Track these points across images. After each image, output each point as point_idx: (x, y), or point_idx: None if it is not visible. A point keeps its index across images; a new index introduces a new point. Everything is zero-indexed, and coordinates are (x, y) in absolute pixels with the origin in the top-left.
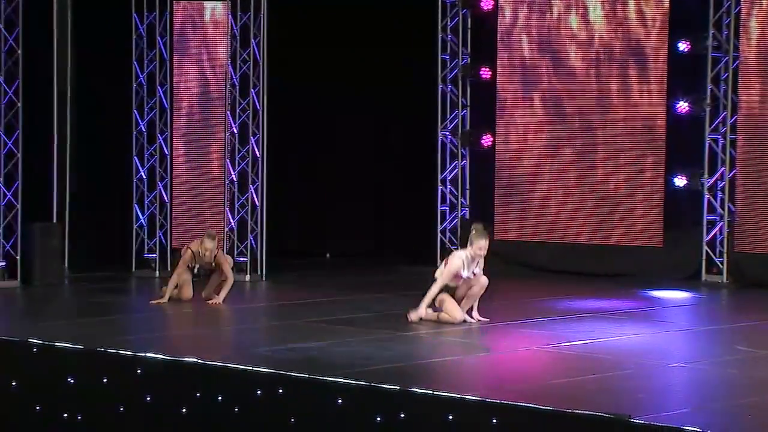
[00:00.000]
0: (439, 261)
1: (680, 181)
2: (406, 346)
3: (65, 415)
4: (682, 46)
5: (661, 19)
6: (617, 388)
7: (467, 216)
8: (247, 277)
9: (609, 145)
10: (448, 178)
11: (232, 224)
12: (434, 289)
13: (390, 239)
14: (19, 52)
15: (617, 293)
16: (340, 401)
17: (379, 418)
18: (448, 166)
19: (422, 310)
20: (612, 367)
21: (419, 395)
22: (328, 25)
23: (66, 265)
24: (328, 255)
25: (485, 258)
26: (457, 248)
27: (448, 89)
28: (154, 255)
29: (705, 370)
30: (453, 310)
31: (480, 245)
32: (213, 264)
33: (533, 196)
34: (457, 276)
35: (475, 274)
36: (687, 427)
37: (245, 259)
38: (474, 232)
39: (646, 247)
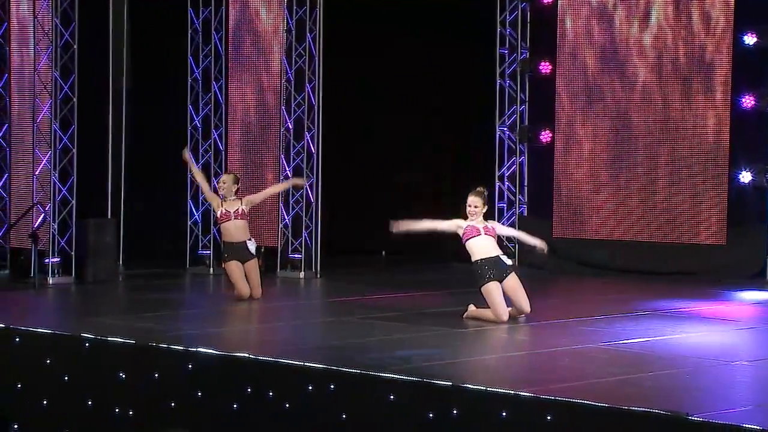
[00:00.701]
0: None
1: (745, 177)
2: (460, 343)
3: (117, 410)
4: (748, 38)
5: (726, 10)
6: (676, 385)
7: (525, 213)
8: (302, 275)
9: (671, 140)
10: (506, 175)
11: (287, 221)
12: (426, 223)
13: (446, 237)
14: (75, 47)
15: (678, 292)
16: (392, 397)
17: (431, 414)
18: (506, 162)
19: (402, 226)
20: (671, 364)
21: (472, 391)
22: (385, 20)
23: (120, 261)
24: (383, 252)
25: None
26: (515, 245)
27: (507, 84)
28: (209, 251)
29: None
30: (498, 307)
31: (469, 201)
32: (240, 206)
33: (592, 193)
34: (460, 228)
35: (486, 229)
36: (746, 425)
37: (300, 256)
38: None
39: (710, 245)
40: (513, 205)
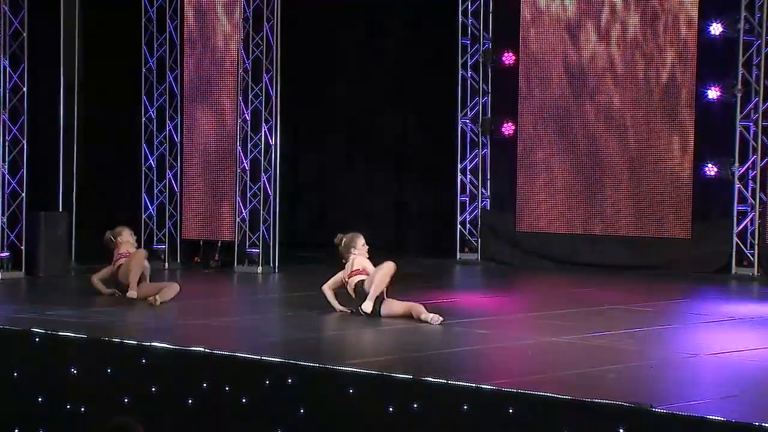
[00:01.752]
0: (458, 253)
1: (710, 170)
2: (420, 337)
3: (68, 406)
4: (714, 28)
5: (691, 0)
6: (640, 378)
7: (488, 206)
8: (259, 269)
9: (635, 133)
10: (468, 168)
11: (244, 214)
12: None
13: (408, 230)
14: (24, 34)
15: (643, 286)
16: (351, 391)
17: (391, 409)
18: (468, 155)
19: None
20: (635, 357)
21: (433, 384)
22: (343, 9)
23: (72, 256)
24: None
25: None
26: (478, 239)
27: (469, 75)
28: (164, 246)
29: (734, 361)
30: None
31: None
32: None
33: (555, 186)
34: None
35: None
36: (710, 417)
37: (257, 250)
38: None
39: (674, 239)
40: (475, 199)
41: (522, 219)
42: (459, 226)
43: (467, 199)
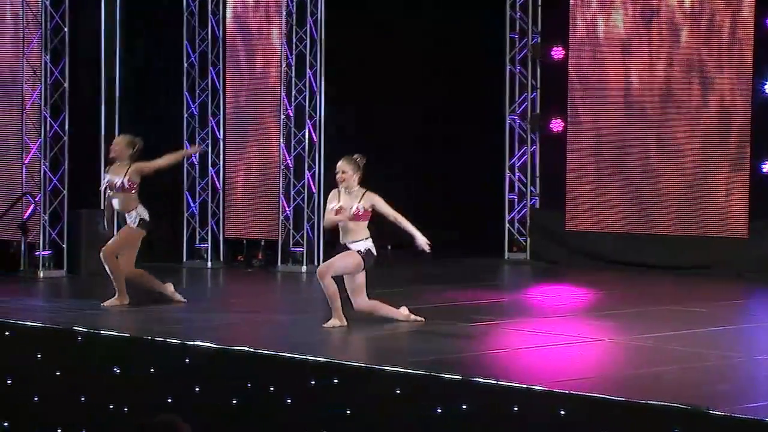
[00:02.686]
0: (507, 252)
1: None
2: (468, 337)
3: (111, 406)
4: None
5: None
6: (696, 380)
7: (537, 205)
8: (303, 268)
9: (690, 128)
10: (517, 165)
11: (288, 212)
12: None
13: (455, 230)
14: (66, 29)
15: (697, 286)
16: (398, 391)
17: (439, 410)
18: (516, 152)
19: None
20: (690, 359)
21: (482, 385)
22: (389, 2)
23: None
24: (389, 247)
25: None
26: (526, 239)
27: (517, 70)
28: (206, 245)
29: None
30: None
31: (337, 167)
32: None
33: (606, 183)
34: (333, 211)
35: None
36: None
37: (301, 249)
38: None
39: (730, 239)
40: (524, 197)
41: (572, 217)
42: (507, 224)
43: (515, 197)
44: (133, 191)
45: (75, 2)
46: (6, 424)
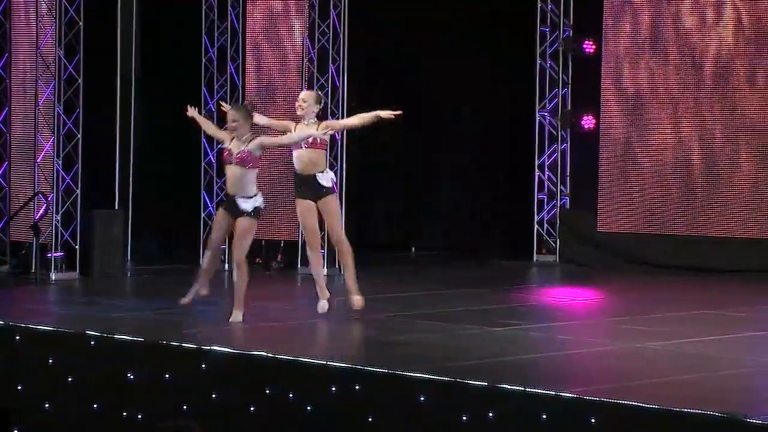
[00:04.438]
0: (536, 254)
1: None
2: (495, 342)
3: (125, 413)
4: None
5: None
6: (733, 387)
7: (567, 206)
8: (324, 271)
9: (731, 125)
10: (547, 164)
11: None
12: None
13: (482, 231)
14: (81, 24)
15: (734, 289)
16: (422, 398)
17: (465, 417)
18: (546, 150)
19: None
20: (727, 366)
21: (510, 392)
22: None
23: (128, 256)
24: (413, 249)
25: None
26: (556, 240)
27: (548, 65)
28: (224, 246)
29: None
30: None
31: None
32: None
33: (640, 183)
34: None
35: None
36: None
37: (323, 251)
38: None
39: None
40: (554, 197)
41: (604, 218)
42: (536, 225)
43: (545, 197)
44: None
45: None
46: (16, 430)
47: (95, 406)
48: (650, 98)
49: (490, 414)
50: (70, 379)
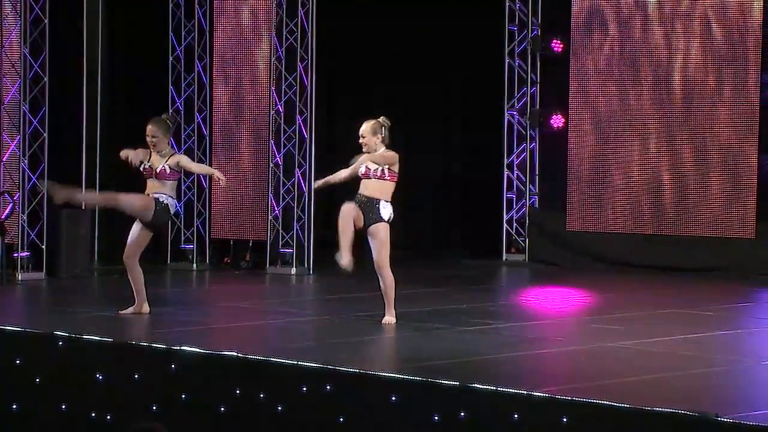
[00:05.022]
0: (505, 254)
1: None
2: (465, 341)
3: (93, 414)
4: None
5: None
6: (703, 385)
7: (536, 205)
8: (293, 270)
9: (695, 126)
10: (516, 163)
11: (277, 212)
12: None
13: (451, 229)
14: (46, 21)
15: (703, 289)
16: (393, 398)
17: (436, 417)
18: (515, 149)
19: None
20: (696, 365)
21: (481, 392)
22: None
23: (95, 256)
24: None
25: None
26: (525, 239)
27: (516, 64)
28: (192, 246)
29: None
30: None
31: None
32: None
33: (609, 182)
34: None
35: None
36: None
37: (290, 250)
38: None
39: (737, 239)
40: (523, 196)
41: (573, 218)
42: (505, 224)
43: (514, 196)
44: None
45: None
46: None
47: (63, 407)
48: (618, 97)
49: (462, 414)
50: (37, 380)
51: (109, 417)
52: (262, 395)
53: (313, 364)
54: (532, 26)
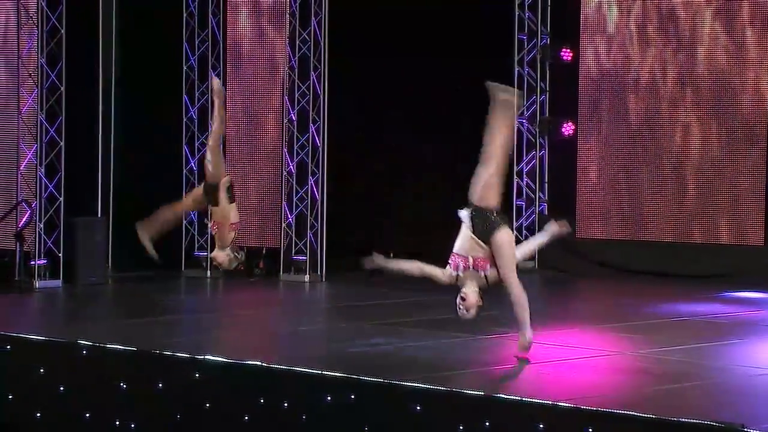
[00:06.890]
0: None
1: None
2: (487, 350)
3: (117, 422)
4: None
5: None
6: (725, 395)
7: (545, 212)
8: (306, 277)
9: (704, 133)
10: (525, 170)
11: (290, 220)
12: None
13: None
14: (63, 31)
15: (715, 296)
16: (418, 408)
17: (461, 427)
18: (524, 157)
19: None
20: (718, 374)
21: (506, 402)
22: (393, 3)
23: (109, 263)
24: (391, 254)
25: None
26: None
27: (526, 72)
28: (205, 253)
29: None
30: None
31: None
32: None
33: (618, 190)
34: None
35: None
36: None
37: (304, 257)
38: None
39: (745, 246)
40: (532, 203)
41: (582, 225)
42: (515, 231)
43: (524, 203)
44: None
45: (72, 3)
46: None
47: (87, 415)
48: (628, 105)
49: (486, 423)
50: (61, 389)
51: (133, 425)
52: (285, 404)
53: (337, 374)
54: (541, 35)
